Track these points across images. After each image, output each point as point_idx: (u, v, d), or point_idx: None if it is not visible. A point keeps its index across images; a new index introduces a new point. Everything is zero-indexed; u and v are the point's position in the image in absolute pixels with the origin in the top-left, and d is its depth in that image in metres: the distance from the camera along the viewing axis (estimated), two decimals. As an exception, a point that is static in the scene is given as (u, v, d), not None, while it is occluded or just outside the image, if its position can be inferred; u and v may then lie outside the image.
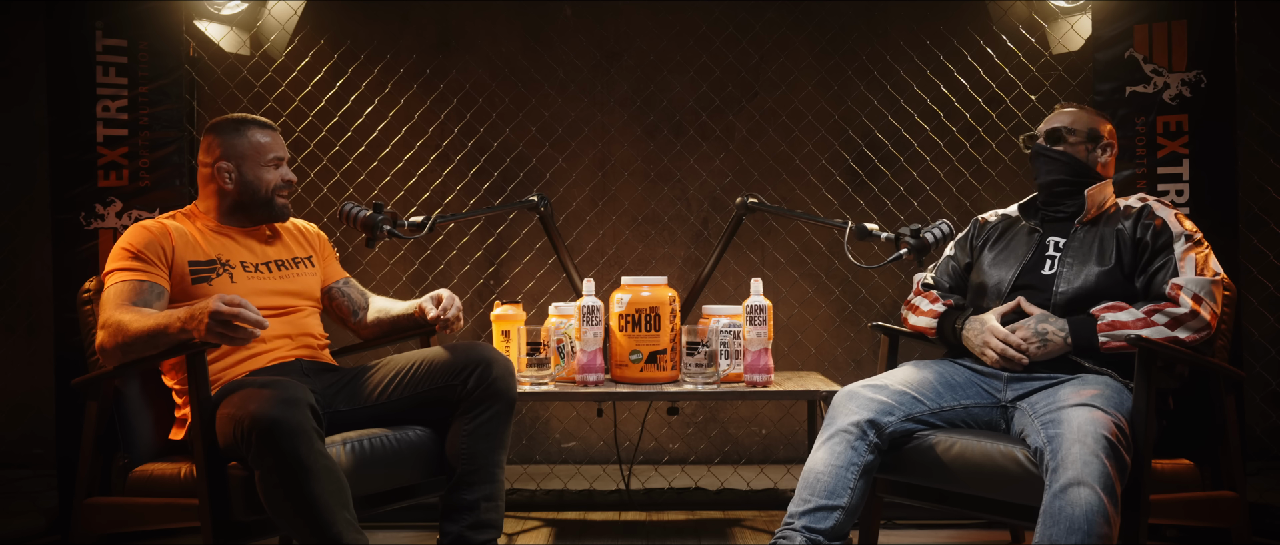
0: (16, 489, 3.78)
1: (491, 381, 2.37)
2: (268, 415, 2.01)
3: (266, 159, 2.50)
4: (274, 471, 2.01)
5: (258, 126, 2.52)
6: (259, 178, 2.49)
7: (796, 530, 2.23)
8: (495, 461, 2.38)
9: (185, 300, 2.33)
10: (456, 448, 2.37)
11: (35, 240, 4.19)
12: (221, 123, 2.52)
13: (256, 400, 2.04)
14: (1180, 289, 2.29)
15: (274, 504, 2.03)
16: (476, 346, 2.44)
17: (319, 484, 2.01)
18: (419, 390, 2.40)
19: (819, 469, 2.28)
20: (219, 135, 2.49)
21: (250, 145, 2.49)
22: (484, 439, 2.37)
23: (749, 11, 4.20)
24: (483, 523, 2.36)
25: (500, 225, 4.22)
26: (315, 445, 2.04)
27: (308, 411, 2.06)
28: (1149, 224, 2.39)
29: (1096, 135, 2.51)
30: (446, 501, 2.38)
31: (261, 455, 2.01)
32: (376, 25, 4.18)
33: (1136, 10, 3.16)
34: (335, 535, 2.01)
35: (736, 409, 4.30)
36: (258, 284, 2.46)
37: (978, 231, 2.69)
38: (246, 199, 2.50)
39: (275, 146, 2.53)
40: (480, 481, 2.36)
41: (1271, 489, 3.44)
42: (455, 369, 2.38)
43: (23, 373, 4.26)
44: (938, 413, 2.38)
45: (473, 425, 2.37)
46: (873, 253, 4.01)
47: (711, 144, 4.24)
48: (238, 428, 2.04)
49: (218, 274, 2.41)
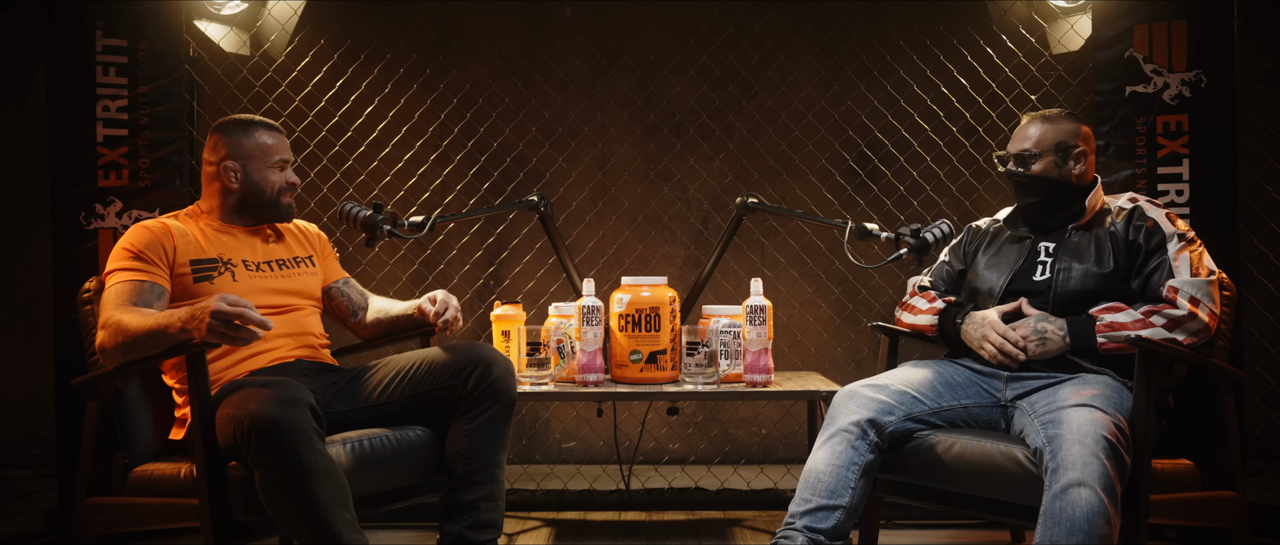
0: (16, 489, 3.78)
1: (491, 381, 2.37)
2: (268, 415, 2.01)
3: (272, 160, 2.51)
4: (274, 471, 2.01)
5: (265, 128, 2.54)
6: (264, 178, 2.50)
7: (798, 530, 2.23)
8: (495, 461, 2.38)
9: (187, 299, 2.34)
10: (457, 448, 2.37)
11: (35, 240, 4.19)
12: (228, 122, 2.53)
13: (257, 400, 2.04)
14: (1176, 291, 2.29)
15: (274, 504, 2.03)
16: (476, 346, 2.44)
17: (319, 484, 2.01)
18: (419, 390, 2.41)
19: (820, 469, 2.28)
20: (226, 134, 2.50)
21: (257, 146, 2.50)
22: (484, 439, 2.37)
23: (749, 11, 4.20)
24: (483, 523, 2.36)
25: (500, 225, 4.22)
26: (315, 445, 2.04)
27: (308, 411, 2.06)
28: (1141, 225, 2.39)
29: (1065, 146, 2.47)
30: (447, 501, 2.38)
31: (262, 455, 2.01)
32: (376, 25, 4.18)
33: (1136, 10, 3.16)
34: (335, 535, 2.01)
35: (736, 409, 4.30)
36: (259, 283, 2.46)
37: (971, 238, 2.70)
38: (251, 199, 2.50)
39: (281, 148, 2.54)
40: (480, 481, 2.36)
41: (1271, 489, 3.44)
42: (455, 369, 2.38)
43: (23, 373, 4.26)
44: (938, 412, 2.38)
45: (473, 425, 2.37)
46: (873, 253, 4.01)
47: (711, 144, 4.24)
48: (238, 428, 2.03)
49: (220, 273, 2.41)
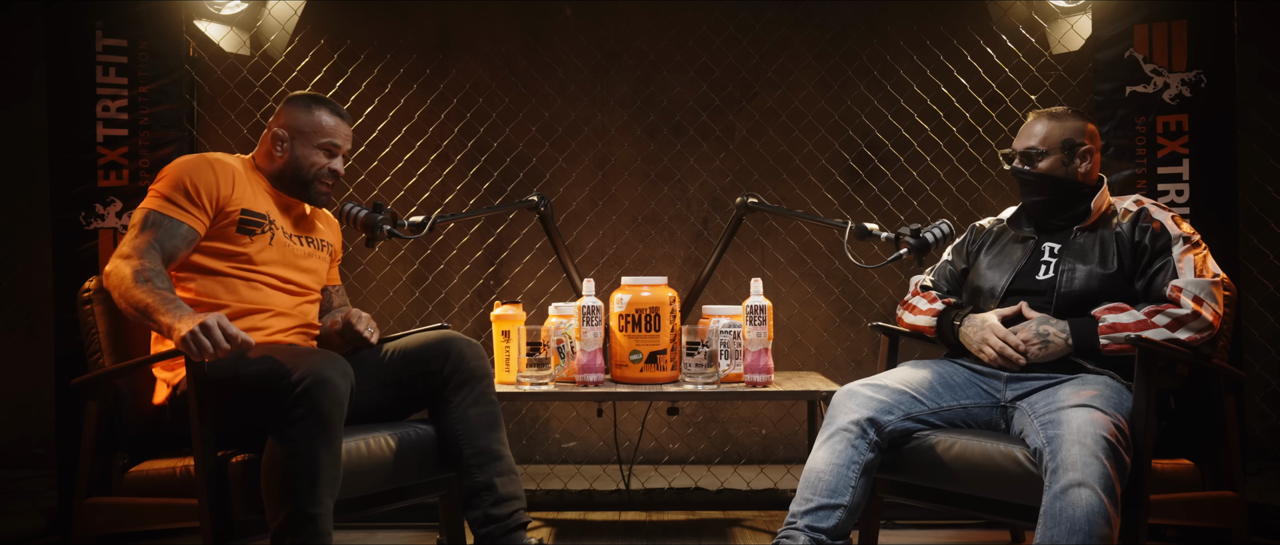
0: (16, 489, 3.78)
1: (463, 364, 2.39)
2: (326, 375, 2.05)
3: (320, 141, 2.49)
4: (303, 423, 2.03)
5: (329, 110, 2.52)
6: (306, 157, 2.48)
7: (799, 529, 2.23)
8: (496, 438, 2.39)
9: (223, 242, 2.35)
10: (455, 437, 2.38)
11: (35, 240, 4.19)
12: (299, 96, 2.54)
13: (311, 357, 2.09)
14: (1180, 290, 2.29)
15: (280, 458, 2.04)
16: (443, 335, 2.46)
17: (331, 458, 2.05)
18: (396, 376, 2.43)
19: (820, 468, 2.28)
20: (290, 105, 2.51)
21: (312, 122, 2.48)
22: (477, 419, 2.39)
23: (749, 11, 4.20)
24: (503, 497, 2.35)
25: (500, 225, 4.22)
26: (340, 426, 2.09)
27: (351, 388, 2.12)
28: (1147, 227, 2.39)
29: (1071, 144, 2.47)
30: (462, 491, 2.38)
31: (297, 404, 2.03)
32: (376, 25, 4.18)
33: (1136, 10, 3.16)
34: (312, 514, 2.03)
35: (736, 409, 4.30)
36: (292, 253, 2.47)
37: (973, 238, 2.70)
38: (289, 173, 2.49)
39: (336, 132, 2.51)
40: (488, 460, 2.37)
41: (1271, 489, 3.44)
42: (425, 356, 2.42)
43: (23, 373, 4.26)
44: (937, 412, 2.38)
45: (461, 409, 2.38)
46: (873, 253, 4.01)
47: (711, 144, 4.24)
48: (284, 378, 2.05)
49: (263, 230, 2.41)
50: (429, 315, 4.10)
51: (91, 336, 2.37)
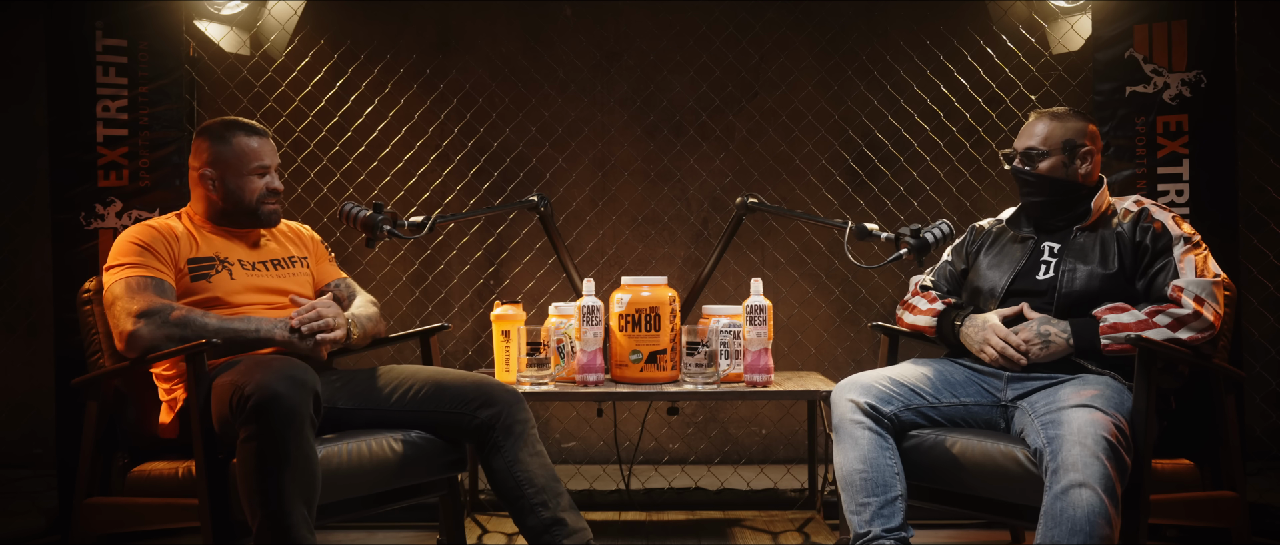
0: (16, 489, 3.78)
1: (506, 413, 2.40)
2: (272, 389, 2.03)
3: (251, 167, 2.46)
4: (254, 442, 2.03)
5: (245, 132, 2.48)
6: (242, 187, 2.46)
7: (878, 537, 2.22)
8: (551, 474, 2.42)
9: (185, 297, 2.35)
10: (515, 479, 2.38)
11: (35, 240, 4.18)
12: (210, 126, 2.49)
13: (265, 370, 2.07)
14: (1181, 290, 2.29)
15: (243, 472, 2.05)
16: (482, 381, 2.46)
17: (290, 473, 2.03)
18: (426, 409, 2.42)
19: (856, 466, 2.28)
20: (206, 139, 2.47)
21: (234, 153, 2.45)
22: (531, 457, 2.40)
23: (749, 11, 4.20)
24: (573, 530, 2.38)
25: (500, 225, 4.22)
26: (304, 433, 2.06)
27: (311, 396, 2.09)
28: (1148, 227, 2.39)
29: (1072, 145, 2.47)
30: (530, 526, 2.37)
31: (249, 423, 2.03)
32: (376, 25, 4.18)
33: (1136, 10, 3.16)
34: (286, 525, 2.02)
35: (736, 409, 4.30)
36: (256, 281, 2.46)
37: (973, 238, 2.70)
38: (231, 207, 2.47)
39: (262, 153, 2.48)
40: (552, 497, 2.39)
41: (1271, 489, 3.44)
42: (463, 398, 2.41)
43: (23, 373, 4.25)
44: (937, 408, 2.38)
45: (513, 454, 2.39)
46: (873, 253, 4.01)
47: (711, 144, 4.24)
48: (237, 393, 2.05)
49: (217, 271, 2.41)
50: (429, 315, 4.10)
51: (91, 336, 2.37)
